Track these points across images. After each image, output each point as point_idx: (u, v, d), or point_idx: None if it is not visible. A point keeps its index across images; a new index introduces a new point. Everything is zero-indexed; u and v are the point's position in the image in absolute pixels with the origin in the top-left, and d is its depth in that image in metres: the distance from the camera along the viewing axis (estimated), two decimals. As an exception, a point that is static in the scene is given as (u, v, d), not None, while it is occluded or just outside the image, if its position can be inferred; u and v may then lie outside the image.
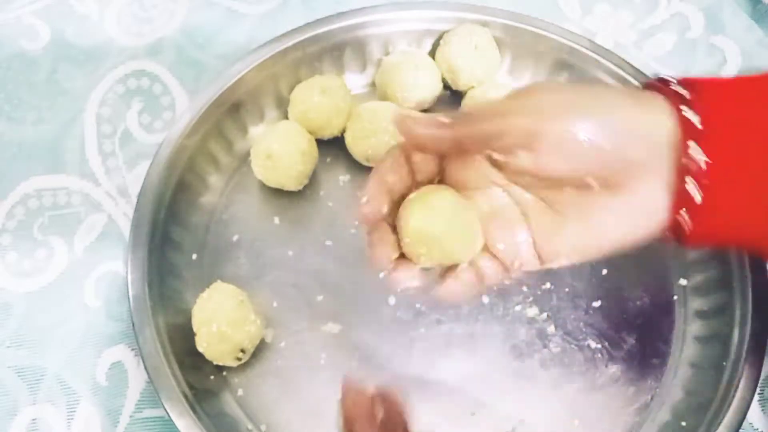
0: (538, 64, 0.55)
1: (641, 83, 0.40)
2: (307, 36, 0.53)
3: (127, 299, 0.44)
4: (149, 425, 0.44)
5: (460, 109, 0.51)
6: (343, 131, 0.52)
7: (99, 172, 0.52)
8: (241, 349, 0.44)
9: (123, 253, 0.49)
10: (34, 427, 0.44)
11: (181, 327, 0.45)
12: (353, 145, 0.51)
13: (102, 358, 0.46)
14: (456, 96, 0.55)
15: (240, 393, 0.45)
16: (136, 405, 0.45)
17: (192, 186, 0.50)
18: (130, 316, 0.43)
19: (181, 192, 0.49)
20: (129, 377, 0.45)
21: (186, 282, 0.48)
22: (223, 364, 0.44)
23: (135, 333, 0.43)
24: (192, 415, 0.40)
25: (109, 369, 0.46)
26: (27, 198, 0.51)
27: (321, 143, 0.51)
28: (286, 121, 0.51)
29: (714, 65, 0.58)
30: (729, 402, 0.42)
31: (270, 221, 0.51)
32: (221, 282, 0.46)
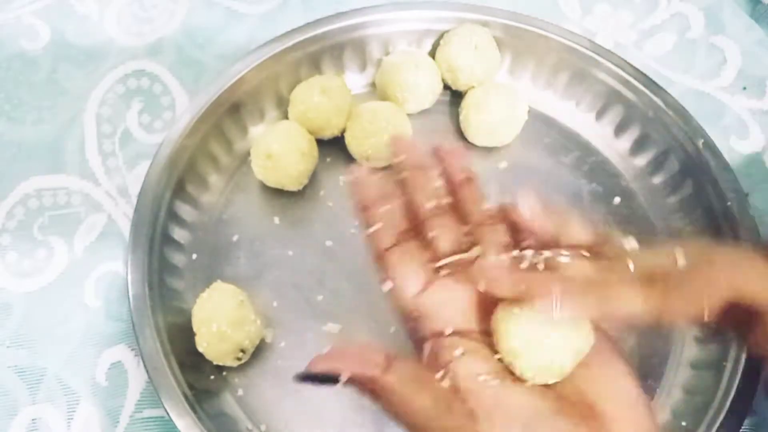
0: (538, 64, 0.55)
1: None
2: (307, 36, 0.53)
3: (127, 299, 0.44)
4: (149, 425, 0.44)
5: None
6: (343, 131, 0.52)
7: (99, 172, 0.52)
8: (241, 349, 0.44)
9: (123, 253, 0.49)
10: (33, 427, 0.44)
11: (181, 327, 0.45)
12: (353, 145, 0.51)
13: (102, 358, 0.46)
14: (456, 96, 0.55)
15: (240, 393, 0.45)
16: (136, 405, 0.45)
17: (192, 186, 0.50)
18: (130, 316, 0.43)
19: (181, 192, 0.49)
20: (129, 377, 0.45)
21: (186, 282, 0.48)
22: (223, 364, 0.44)
23: (135, 333, 0.43)
24: (192, 415, 0.40)
25: (109, 369, 0.46)
26: (27, 198, 0.51)
27: (321, 143, 0.51)
28: (286, 121, 0.51)
29: (714, 65, 0.58)
30: (729, 402, 0.42)
31: (270, 221, 0.51)
32: (221, 282, 0.45)
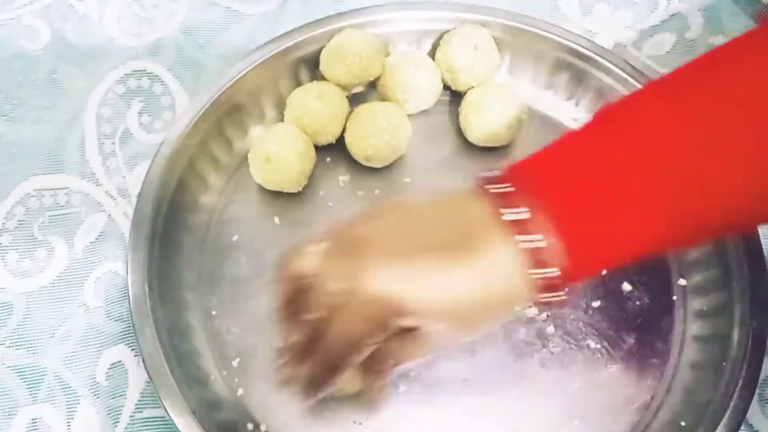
0: (538, 64, 0.55)
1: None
2: (307, 36, 0.53)
3: (127, 299, 0.44)
4: (149, 425, 0.44)
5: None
6: (339, 138, 0.52)
7: (99, 172, 0.52)
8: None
9: (123, 253, 0.49)
10: (33, 427, 0.44)
11: (181, 327, 0.45)
12: (353, 145, 0.51)
13: (102, 358, 0.46)
14: (456, 96, 0.55)
15: (240, 393, 0.45)
16: (136, 405, 0.45)
17: (192, 186, 0.50)
18: (130, 316, 0.43)
19: (181, 192, 0.49)
20: (129, 377, 0.45)
21: (186, 282, 0.48)
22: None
23: (135, 333, 0.43)
24: (192, 415, 0.40)
25: (109, 369, 0.46)
26: (27, 198, 0.51)
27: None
28: (282, 123, 0.51)
29: (714, 65, 0.58)
30: (729, 402, 0.42)
31: (270, 221, 0.51)
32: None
